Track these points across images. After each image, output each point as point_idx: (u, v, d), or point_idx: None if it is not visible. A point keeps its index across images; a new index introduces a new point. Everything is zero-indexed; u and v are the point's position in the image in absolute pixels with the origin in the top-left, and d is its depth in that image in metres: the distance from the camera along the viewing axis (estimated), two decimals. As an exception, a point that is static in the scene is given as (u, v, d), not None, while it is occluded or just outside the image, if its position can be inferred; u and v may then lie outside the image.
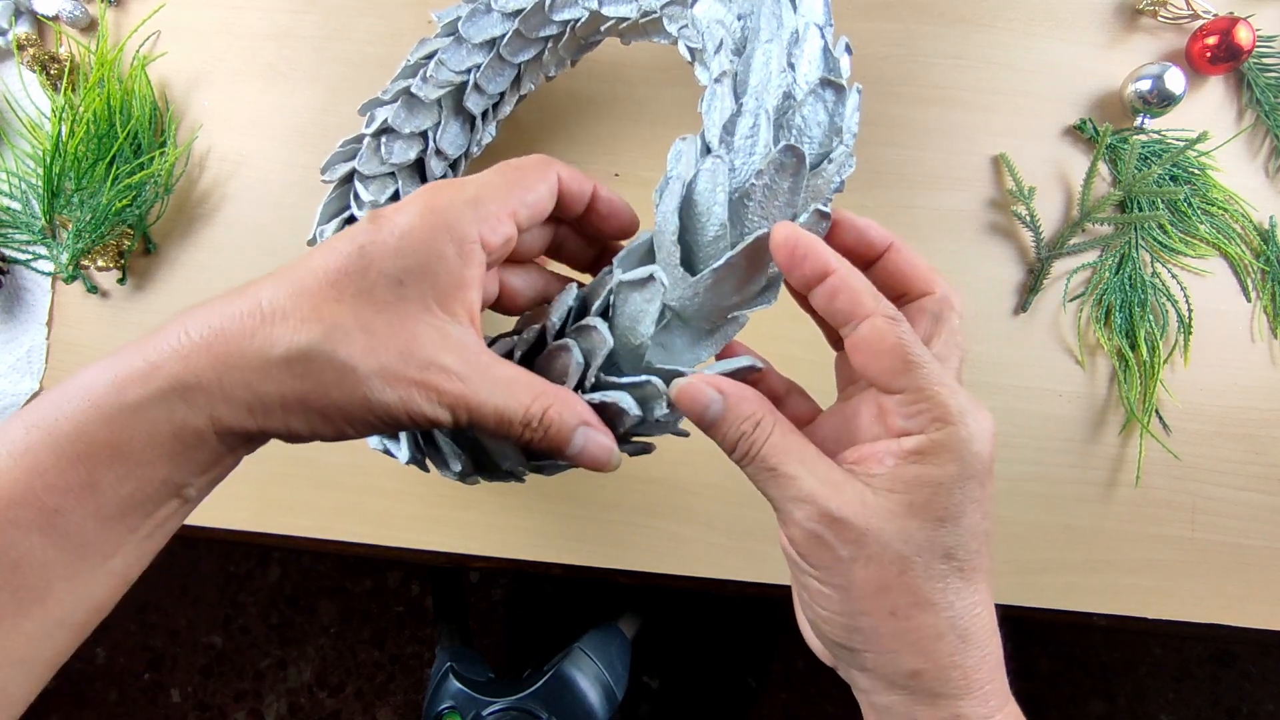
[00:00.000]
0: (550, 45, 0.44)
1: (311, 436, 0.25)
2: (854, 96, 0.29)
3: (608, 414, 0.28)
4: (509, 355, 0.30)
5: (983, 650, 0.24)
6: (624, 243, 0.31)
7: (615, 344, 0.29)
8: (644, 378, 0.28)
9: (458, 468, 0.33)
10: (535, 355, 0.30)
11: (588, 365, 0.29)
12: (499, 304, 0.31)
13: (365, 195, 0.43)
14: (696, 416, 0.26)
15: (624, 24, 0.42)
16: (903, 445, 0.24)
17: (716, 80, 0.30)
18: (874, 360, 0.24)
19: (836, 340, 0.30)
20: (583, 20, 0.42)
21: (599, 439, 0.27)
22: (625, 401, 0.28)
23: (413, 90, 0.42)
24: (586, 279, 0.32)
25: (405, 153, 0.43)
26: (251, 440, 0.25)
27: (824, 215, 0.28)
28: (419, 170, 0.45)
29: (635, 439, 0.31)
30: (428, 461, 0.35)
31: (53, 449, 0.22)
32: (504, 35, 0.43)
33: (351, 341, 0.23)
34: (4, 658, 0.22)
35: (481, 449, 0.32)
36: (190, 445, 0.23)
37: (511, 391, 0.25)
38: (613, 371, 0.29)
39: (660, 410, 0.28)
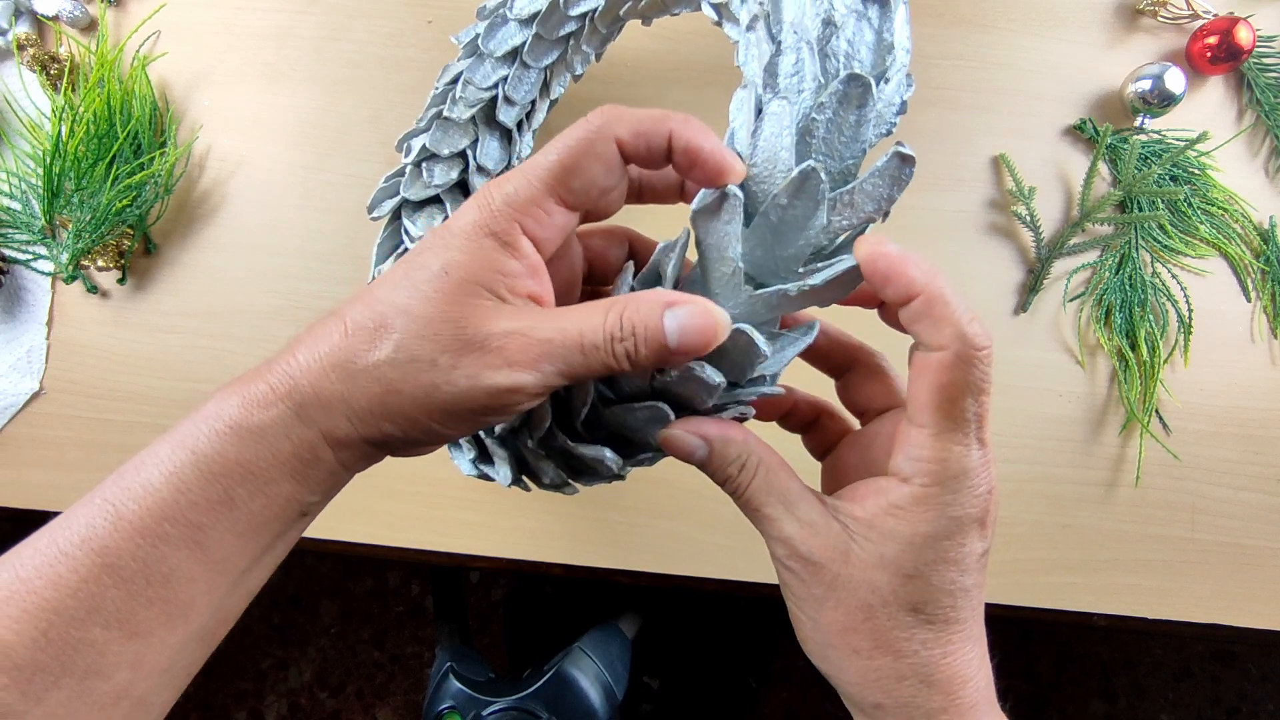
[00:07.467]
0: (572, 42, 0.44)
1: (406, 441, 0.25)
2: (902, 8, 0.26)
3: (691, 388, 0.27)
4: None
5: (950, 696, 0.25)
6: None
7: (709, 283, 0.27)
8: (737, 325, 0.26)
9: (508, 475, 0.32)
10: None
11: None
12: (592, 276, 0.30)
13: (415, 230, 0.43)
14: (685, 459, 0.27)
15: (642, 2, 0.41)
16: (889, 496, 0.25)
17: (749, 28, 0.28)
18: (921, 389, 0.24)
19: (833, 372, 0.31)
20: (600, 9, 0.42)
21: (689, 312, 0.24)
22: (706, 373, 0.26)
23: (445, 114, 0.43)
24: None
25: (447, 174, 0.43)
26: (364, 457, 0.26)
27: (906, 159, 0.25)
28: (463, 191, 0.45)
29: (734, 403, 0.29)
30: (525, 479, 0.34)
31: (196, 467, 0.23)
32: (524, 42, 0.42)
33: (409, 334, 0.24)
34: (150, 668, 0.23)
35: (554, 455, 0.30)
36: (309, 463, 0.25)
37: (583, 315, 0.24)
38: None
39: (757, 363, 0.26)
